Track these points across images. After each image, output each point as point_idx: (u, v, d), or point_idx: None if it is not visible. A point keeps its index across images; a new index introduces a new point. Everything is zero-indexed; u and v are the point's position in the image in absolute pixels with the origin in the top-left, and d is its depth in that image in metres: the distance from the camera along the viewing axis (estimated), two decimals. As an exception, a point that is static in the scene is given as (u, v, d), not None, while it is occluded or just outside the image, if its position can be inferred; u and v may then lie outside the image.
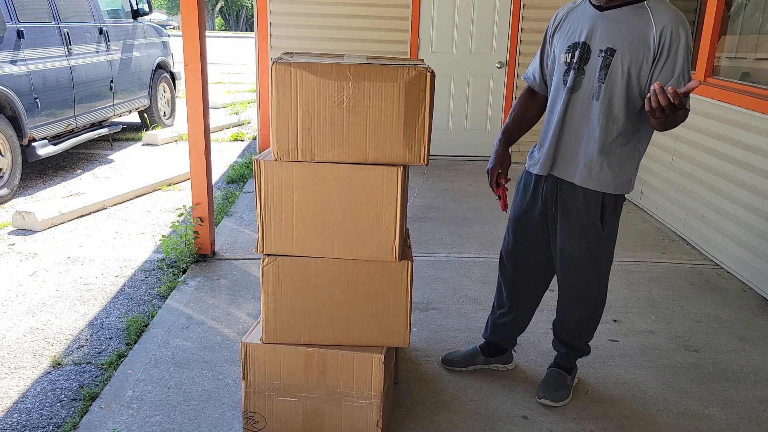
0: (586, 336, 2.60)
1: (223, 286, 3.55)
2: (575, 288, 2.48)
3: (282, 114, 1.95)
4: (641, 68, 2.11)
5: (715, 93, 4.11)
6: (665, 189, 4.73)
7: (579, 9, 2.26)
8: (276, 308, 2.13)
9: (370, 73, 1.90)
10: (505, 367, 2.79)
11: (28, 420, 2.51)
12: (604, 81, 2.15)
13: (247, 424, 2.23)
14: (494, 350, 2.76)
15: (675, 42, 2.06)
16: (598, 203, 2.30)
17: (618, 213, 2.36)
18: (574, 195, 2.31)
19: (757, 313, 3.42)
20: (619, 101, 2.17)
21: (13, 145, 5.22)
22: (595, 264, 2.42)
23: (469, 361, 2.76)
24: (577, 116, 2.24)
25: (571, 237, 2.36)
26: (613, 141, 2.22)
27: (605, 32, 2.14)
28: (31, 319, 3.27)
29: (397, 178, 1.98)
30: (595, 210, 2.30)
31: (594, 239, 2.34)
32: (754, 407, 2.60)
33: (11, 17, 5.30)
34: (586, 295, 2.48)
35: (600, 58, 2.15)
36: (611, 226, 2.36)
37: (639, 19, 2.10)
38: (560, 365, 2.64)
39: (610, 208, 2.31)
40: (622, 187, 2.29)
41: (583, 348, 2.63)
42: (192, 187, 3.83)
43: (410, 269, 2.10)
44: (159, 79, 7.99)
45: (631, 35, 2.10)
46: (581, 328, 2.57)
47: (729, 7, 4.36)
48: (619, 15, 2.13)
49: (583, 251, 2.38)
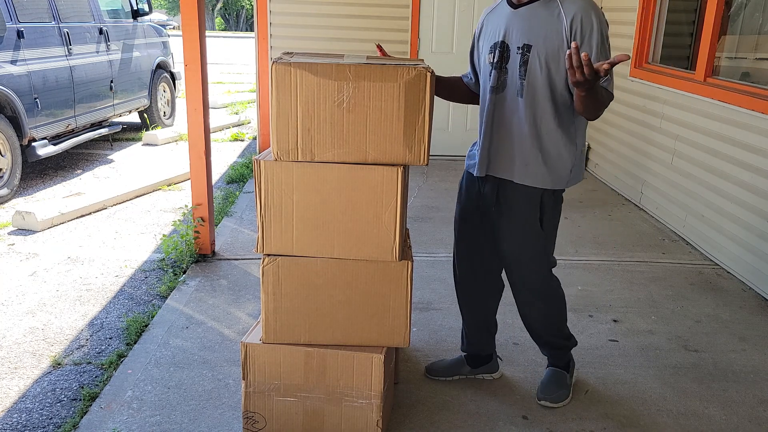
0: (559, 331, 2.58)
1: (224, 286, 3.55)
2: (523, 289, 2.47)
3: (282, 114, 1.95)
4: (559, 61, 2.12)
5: (715, 93, 4.11)
6: (665, 189, 4.73)
7: (497, 9, 2.30)
8: (276, 308, 2.13)
9: (370, 73, 1.90)
10: (491, 376, 2.72)
11: (28, 420, 2.51)
12: (525, 77, 2.17)
13: (247, 424, 2.23)
14: (477, 360, 2.70)
15: (587, 29, 2.08)
16: (538, 200, 2.30)
17: (558, 210, 2.37)
18: (515, 193, 2.31)
19: (757, 313, 3.42)
20: (542, 96, 2.18)
21: (13, 145, 5.22)
22: (537, 262, 2.41)
23: (454, 370, 2.71)
24: (506, 115, 2.25)
25: (512, 237, 2.36)
26: (546, 135, 2.22)
27: (521, 29, 2.17)
28: (31, 319, 3.27)
29: (397, 178, 1.98)
30: (534, 207, 2.30)
31: (534, 238, 2.35)
32: (754, 407, 2.60)
33: (11, 17, 5.30)
34: (537, 293, 2.47)
35: (518, 55, 2.17)
36: (551, 224, 2.37)
37: (550, 13, 2.12)
38: (555, 364, 2.64)
39: (549, 205, 2.32)
40: (560, 181, 2.29)
41: (565, 343, 2.61)
42: (192, 187, 3.83)
43: (410, 269, 2.10)
44: (159, 79, 7.99)
45: (545, 29, 2.12)
46: (549, 326, 2.56)
47: (729, 7, 4.36)
48: (531, 11, 2.16)
49: (525, 250, 2.38)
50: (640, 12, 5.21)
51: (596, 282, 3.72)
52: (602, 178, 5.89)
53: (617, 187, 5.57)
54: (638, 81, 5.21)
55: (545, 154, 2.24)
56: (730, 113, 3.95)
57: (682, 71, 4.73)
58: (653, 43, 5.22)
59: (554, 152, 2.24)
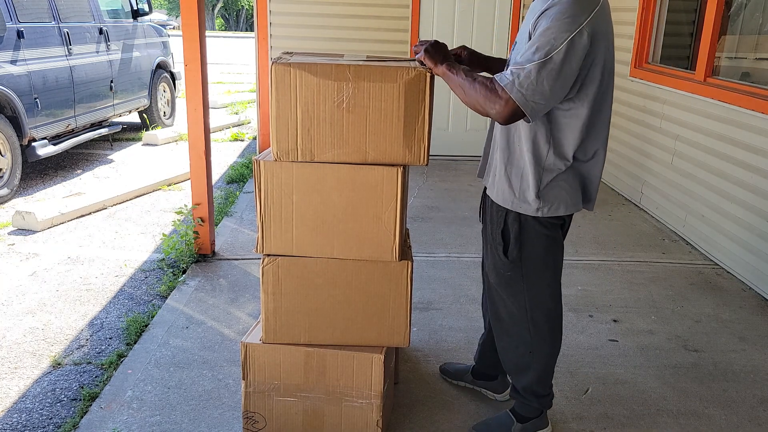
0: (525, 380, 2.21)
1: (223, 286, 3.55)
2: (494, 317, 2.23)
3: (282, 114, 1.95)
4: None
5: (715, 93, 4.11)
6: (665, 189, 4.73)
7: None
8: (276, 308, 2.13)
9: (369, 74, 1.90)
10: (494, 396, 2.55)
11: (28, 420, 2.51)
12: None
13: (247, 424, 2.23)
14: (482, 375, 2.58)
15: (545, 17, 1.79)
16: (501, 222, 2.04)
17: (538, 245, 2.03)
18: (490, 208, 2.11)
19: (757, 313, 3.42)
20: None
21: (13, 145, 5.22)
22: (512, 298, 2.12)
23: (458, 376, 2.65)
24: None
25: (487, 257, 2.18)
26: (513, 146, 1.99)
27: (524, 24, 1.96)
28: (31, 319, 3.27)
29: (397, 178, 1.98)
30: (497, 229, 2.06)
31: (500, 266, 2.09)
32: (754, 407, 2.60)
33: (11, 17, 5.30)
34: (507, 330, 2.20)
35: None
36: (528, 260, 2.05)
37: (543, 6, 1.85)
38: (514, 409, 2.31)
39: (516, 232, 2.02)
40: (525, 206, 1.98)
41: (529, 396, 2.23)
42: (192, 187, 3.83)
43: (410, 269, 2.10)
44: (159, 79, 7.99)
45: (525, 32, 1.91)
46: (516, 368, 2.23)
47: (729, 7, 4.36)
48: (534, 5, 1.92)
49: (494, 276, 2.14)
50: (640, 12, 5.21)
51: (596, 282, 3.72)
52: (602, 178, 5.88)
53: (617, 187, 5.57)
54: (638, 81, 5.21)
55: (509, 168, 2.00)
56: (730, 113, 3.95)
57: (682, 71, 4.73)
58: (653, 43, 5.22)
59: (517, 169, 1.98)
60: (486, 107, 1.82)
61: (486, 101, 1.81)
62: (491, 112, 1.82)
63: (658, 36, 5.22)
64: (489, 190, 2.12)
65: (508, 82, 1.77)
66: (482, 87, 1.81)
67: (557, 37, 1.74)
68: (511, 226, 2.03)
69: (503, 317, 2.20)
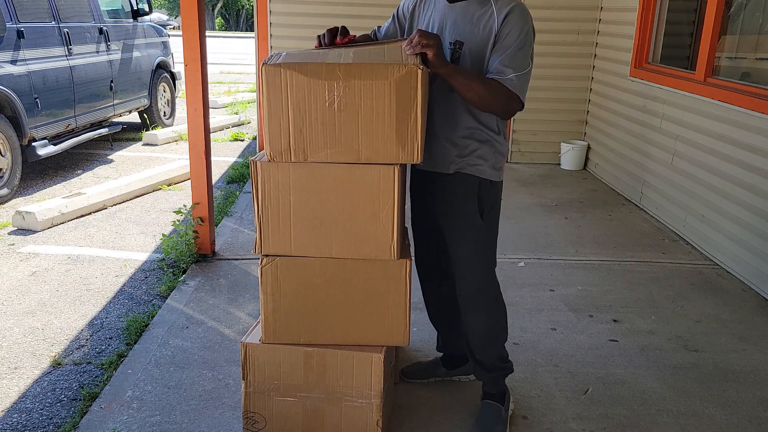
0: (495, 349, 2.40)
1: (223, 286, 3.55)
2: (464, 297, 2.38)
3: (273, 115, 1.94)
4: (484, 61, 2.10)
5: (715, 93, 4.11)
6: (665, 189, 4.73)
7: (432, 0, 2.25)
8: (275, 308, 2.13)
9: (360, 72, 1.89)
10: (467, 378, 2.66)
11: (28, 420, 2.51)
12: None
13: (247, 424, 2.23)
14: (453, 361, 2.66)
15: (508, 26, 2.05)
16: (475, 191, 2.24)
17: (496, 203, 2.31)
18: (458, 187, 2.26)
19: (757, 313, 3.42)
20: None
21: (13, 145, 5.22)
22: (484, 262, 2.35)
23: (430, 372, 2.68)
24: (439, 105, 2.20)
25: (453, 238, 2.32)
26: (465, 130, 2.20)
27: (454, 25, 2.13)
28: (31, 319, 3.27)
29: (394, 176, 1.97)
30: (472, 199, 2.25)
31: (477, 233, 2.30)
32: (754, 407, 2.60)
33: (11, 17, 5.30)
34: (477, 306, 2.37)
35: (450, 51, 2.14)
36: (491, 217, 2.32)
37: (484, 12, 2.09)
38: (489, 393, 2.43)
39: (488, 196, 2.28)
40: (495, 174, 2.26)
41: (498, 364, 2.40)
42: (192, 187, 3.83)
43: (409, 268, 2.10)
44: (159, 79, 7.99)
45: (477, 27, 2.09)
46: (487, 341, 2.39)
47: (729, 7, 4.36)
48: (466, 8, 2.12)
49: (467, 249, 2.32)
50: (640, 12, 5.21)
51: (596, 282, 3.72)
52: (602, 178, 5.89)
53: (617, 187, 5.57)
54: (638, 81, 5.21)
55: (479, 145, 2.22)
56: (730, 113, 3.95)
57: (682, 71, 4.73)
58: (653, 43, 5.22)
59: (487, 144, 2.21)
60: (508, 107, 2.09)
61: (508, 101, 2.06)
62: (510, 111, 2.11)
63: (658, 36, 5.22)
64: (451, 167, 2.21)
65: (517, 85, 2.05)
66: (500, 89, 2.04)
67: (530, 42, 2.08)
68: (485, 192, 2.24)
69: (473, 293, 2.33)
